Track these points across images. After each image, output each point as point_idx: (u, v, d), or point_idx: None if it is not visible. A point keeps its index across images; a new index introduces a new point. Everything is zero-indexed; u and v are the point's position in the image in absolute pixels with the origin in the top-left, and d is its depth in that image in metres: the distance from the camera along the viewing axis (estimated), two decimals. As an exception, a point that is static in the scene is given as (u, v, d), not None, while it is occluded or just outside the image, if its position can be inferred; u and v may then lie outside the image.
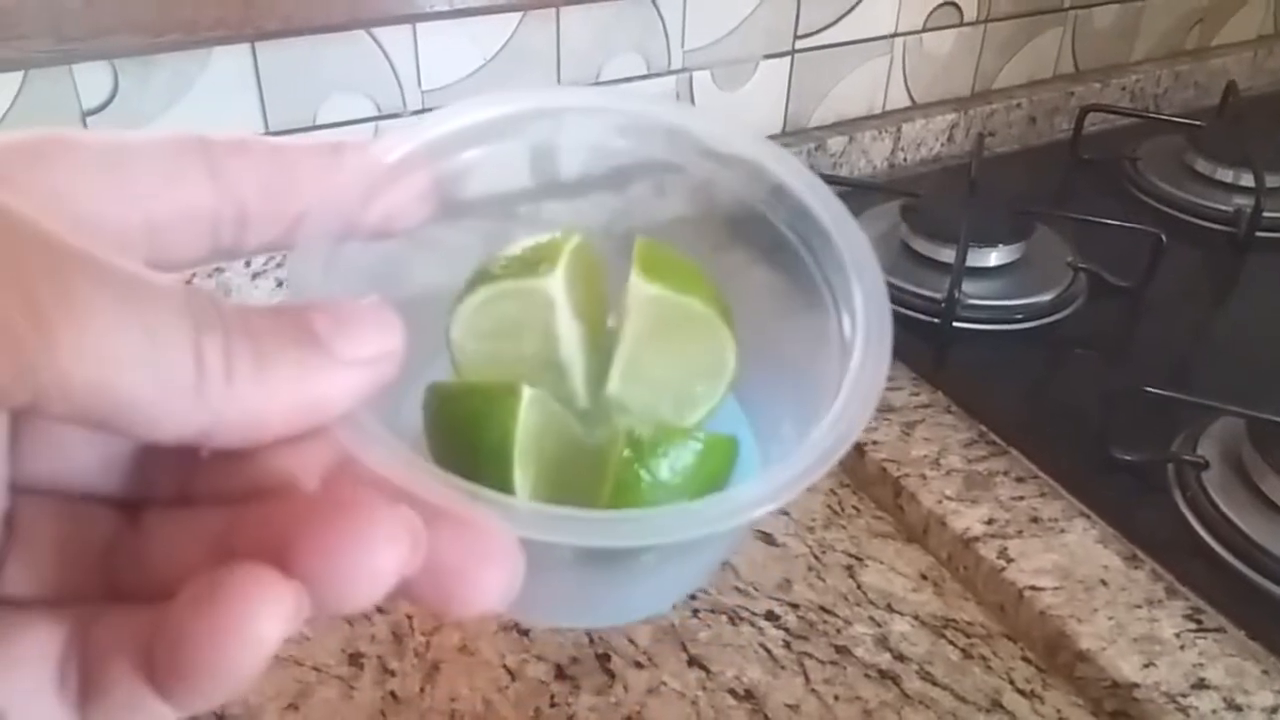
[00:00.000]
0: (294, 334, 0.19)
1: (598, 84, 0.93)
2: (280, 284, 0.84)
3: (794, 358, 0.30)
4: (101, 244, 0.18)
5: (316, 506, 0.18)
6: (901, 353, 0.82)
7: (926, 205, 0.93)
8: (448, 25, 0.83)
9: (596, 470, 0.27)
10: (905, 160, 1.13)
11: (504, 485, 0.27)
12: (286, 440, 0.19)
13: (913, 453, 0.74)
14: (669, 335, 0.30)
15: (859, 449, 0.74)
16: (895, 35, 1.08)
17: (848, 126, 1.09)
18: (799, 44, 1.03)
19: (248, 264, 0.82)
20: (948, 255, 0.89)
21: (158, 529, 0.20)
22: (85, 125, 0.75)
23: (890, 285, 0.30)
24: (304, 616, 0.17)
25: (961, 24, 1.12)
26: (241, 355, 0.18)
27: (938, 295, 0.86)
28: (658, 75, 0.96)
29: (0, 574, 0.19)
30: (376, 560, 0.17)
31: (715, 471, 0.28)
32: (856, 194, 0.99)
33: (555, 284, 0.30)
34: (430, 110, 0.39)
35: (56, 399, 0.16)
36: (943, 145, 1.15)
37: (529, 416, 0.27)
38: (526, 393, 0.27)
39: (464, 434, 0.28)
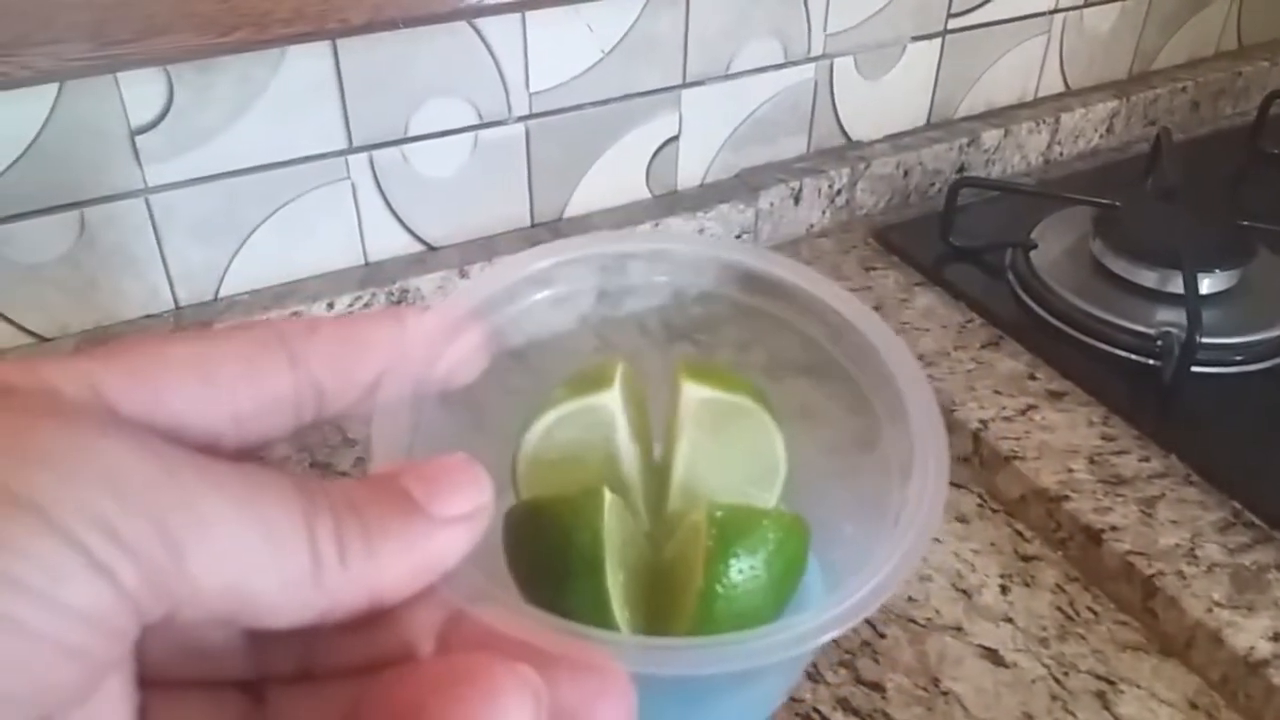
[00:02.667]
0: (394, 503, 0.20)
1: (728, 76, 0.79)
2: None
3: (851, 467, 0.32)
4: (195, 441, 0.20)
5: (442, 676, 0.19)
6: (1114, 401, 0.70)
7: (1125, 217, 0.78)
8: (562, 13, 0.69)
9: (675, 582, 0.30)
10: (1062, 154, 0.98)
11: (598, 592, 0.29)
12: (399, 605, 0.20)
13: (1160, 541, 0.60)
14: (721, 438, 0.33)
15: (1094, 536, 0.60)
16: (1055, 11, 0.93)
17: (1000, 118, 0.94)
18: (951, 24, 0.88)
19: (330, 305, 0.68)
20: (1151, 279, 0.75)
21: (284, 706, 0.21)
22: (135, 145, 0.61)
23: (1087, 315, 0.39)
24: None
25: (1127, -4, 0.97)
26: (351, 535, 0.19)
27: (1149, 330, 0.71)
28: (795, 63, 0.81)
29: None
30: (522, 710, 0.18)
31: (792, 552, 0.30)
32: (1027, 201, 0.84)
33: (614, 399, 0.33)
34: (536, 116, 0.48)
35: (189, 607, 0.18)
36: (1101, 137, 1.00)
37: (611, 520, 0.29)
38: (608, 495, 0.30)
39: (554, 544, 0.29)
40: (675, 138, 0.79)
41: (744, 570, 0.30)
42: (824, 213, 0.86)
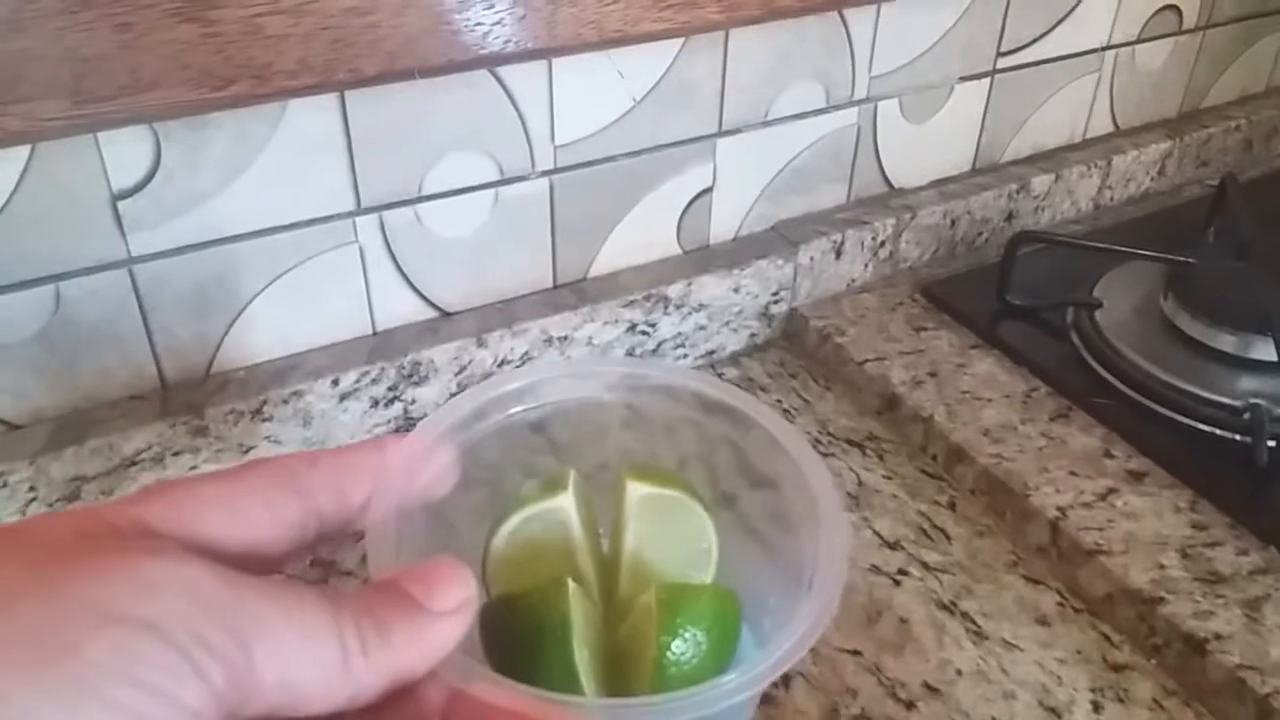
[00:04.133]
0: (400, 603, 0.25)
1: (767, 123, 0.72)
2: (374, 403, 0.63)
3: (771, 549, 0.39)
4: (227, 562, 0.23)
5: None
6: (1201, 483, 0.61)
7: (1200, 274, 0.71)
8: (592, 59, 0.62)
9: (631, 654, 0.35)
10: (1112, 199, 0.92)
11: (568, 667, 0.34)
12: (410, 687, 0.25)
13: (1273, 652, 0.53)
14: (661, 528, 0.39)
15: (1196, 645, 0.53)
16: (1107, 48, 0.87)
17: (1049, 161, 0.88)
18: (1001, 63, 0.81)
19: (335, 383, 0.61)
20: (1232, 343, 0.69)
21: None
22: (117, 211, 0.54)
23: (1163, 384, 0.54)
24: None
25: (1180, 31, 0.91)
26: (369, 631, 0.24)
27: (1235, 402, 0.65)
28: (837, 108, 0.75)
29: None
30: None
31: (726, 618, 0.36)
32: (1085, 253, 0.77)
33: (569, 500, 0.38)
34: (562, 170, 0.56)
35: (255, 700, 0.22)
36: (1152, 179, 0.94)
37: (574, 606, 0.34)
38: (571, 584, 0.35)
39: (527, 629, 0.34)
40: (709, 189, 0.73)
41: (689, 639, 0.35)
42: (866, 266, 0.80)
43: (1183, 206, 0.91)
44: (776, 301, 0.76)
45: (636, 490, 0.40)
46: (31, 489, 0.55)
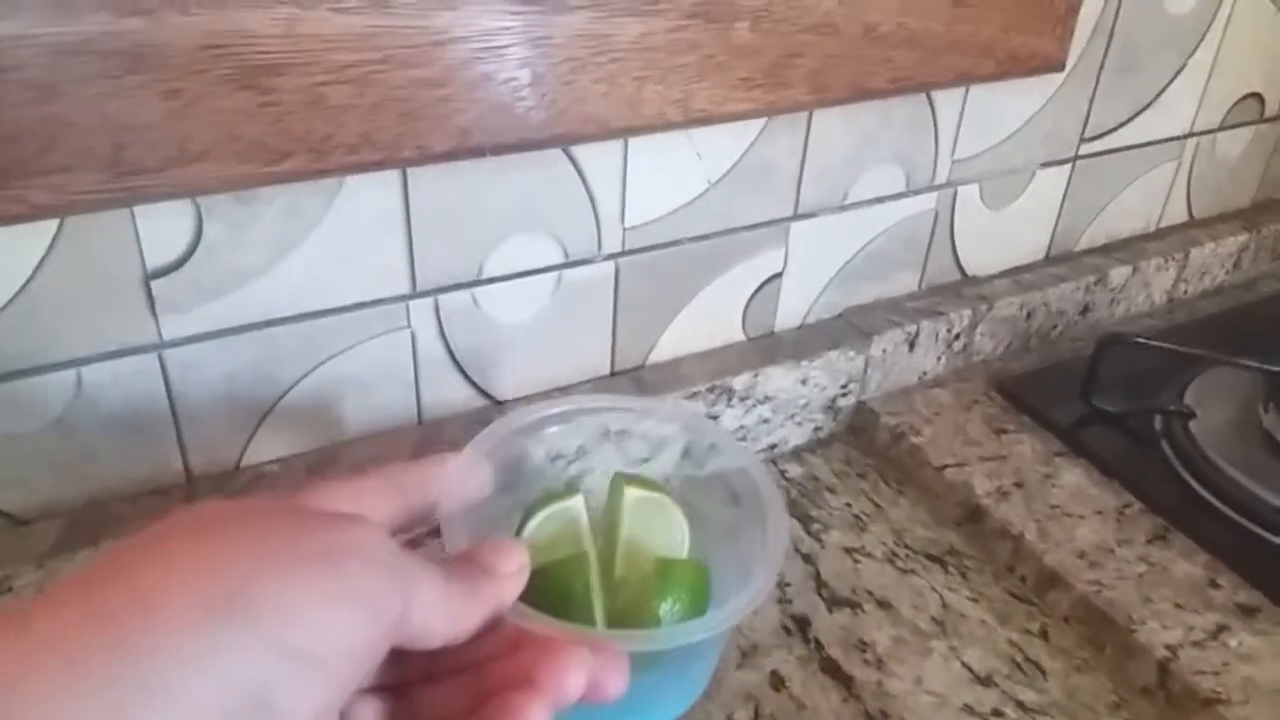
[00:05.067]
0: (477, 568, 0.34)
1: (844, 207, 0.67)
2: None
3: (732, 540, 0.50)
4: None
5: (537, 653, 0.33)
6: None
7: (1307, 388, 0.66)
8: (669, 138, 0.58)
9: (633, 611, 0.46)
10: (1186, 292, 0.88)
11: (590, 617, 0.44)
12: (486, 628, 0.34)
13: None
14: (649, 522, 0.50)
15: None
16: (1189, 135, 0.83)
17: (1125, 252, 0.83)
18: (1084, 149, 0.77)
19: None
20: (1340, 460, 0.63)
21: (423, 697, 0.34)
22: (149, 291, 0.49)
23: (1271, 507, 0.60)
24: (551, 717, 0.32)
25: (1261, 119, 0.87)
26: (463, 588, 0.33)
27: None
28: (917, 192, 0.70)
29: None
30: (582, 675, 0.32)
31: (699, 580, 0.48)
32: (1177, 357, 0.72)
33: (579, 502, 0.50)
34: (629, 254, 0.60)
35: (400, 634, 0.30)
36: (1228, 273, 0.89)
37: (592, 574, 0.46)
38: (591, 555, 0.47)
39: (558, 590, 0.44)
40: (779, 274, 0.68)
41: (679, 598, 0.46)
42: (940, 359, 0.74)
43: (1261, 303, 0.87)
44: (844, 394, 0.71)
45: (631, 494, 0.50)
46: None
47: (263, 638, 0.26)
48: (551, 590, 0.42)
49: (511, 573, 0.35)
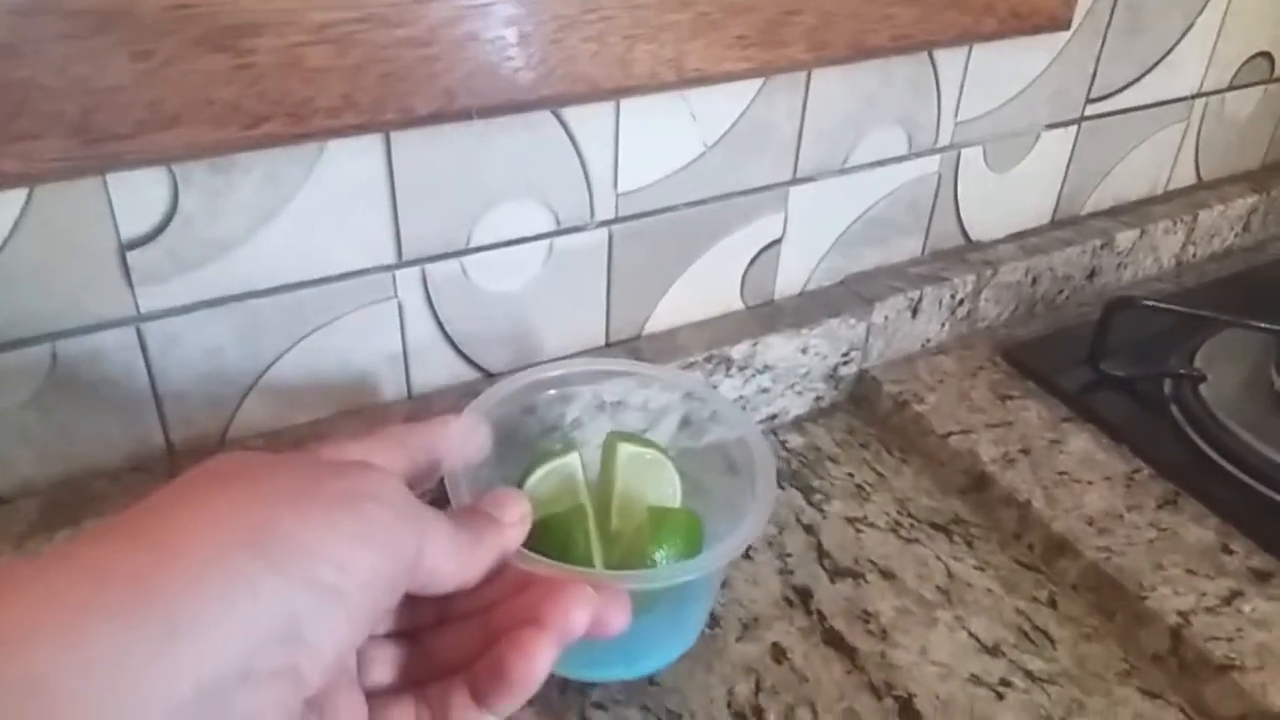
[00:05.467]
0: (483, 518, 0.36)
1: (844, 170, 0.66)
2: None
3: (724, 495, 0.51)
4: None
5: (542, 592, 0.34)
6: None
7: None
8: (663, 100, 0.56)
9: (632, 557, 0.47)
10: (1195, 255, 0.86)
11: (590, 563, 0.46)
12: (492, 574, 0.35)
13: None
14: (641, 476, 0.51)
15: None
16: (1197, 95, 0.81)
17: (1132, 215, 0.81)
18: (1089, 109, 0.75)
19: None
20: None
21: (434, 641, 0.36)
22: (125, 262, 0.47)
23: (1267, 461, 0.60)
24: (558, 652, 0.33)
25: (1270, 79, 0.85)
26: (471, 537, 0.34)
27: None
28: (919, 155, 0.69)
29: (370, 676, 0.34)
30: (586, 611, 0.34)
31: (692, 528, 0.49)
32: (1185, 321, 0.71)
33: (575, 459, 0.51)
34: (622, 220, 0.59)
35: (412, 579, 0.31)
36: (1236, 236, 0.87)
37: (590, 525, 0.48)
38: (588, 509, 0.48)
39: (559, 540, 0.45)
40: (778, 241, 0.66)
41: (673, 544, 0.47)
42: (943, 325, 0.73)
43: (1270, 266, 0.85)
44: (846, 363, 0.69)
45: (625, 450, 0.52)
46: (18, 576, 0.48)
47: (289, 572, 0.27)
48: (552, 541, 0.44)
49: (515, 521, 0.36)
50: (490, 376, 0.60)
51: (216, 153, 0.45)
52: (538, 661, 0.32)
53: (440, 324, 0.57)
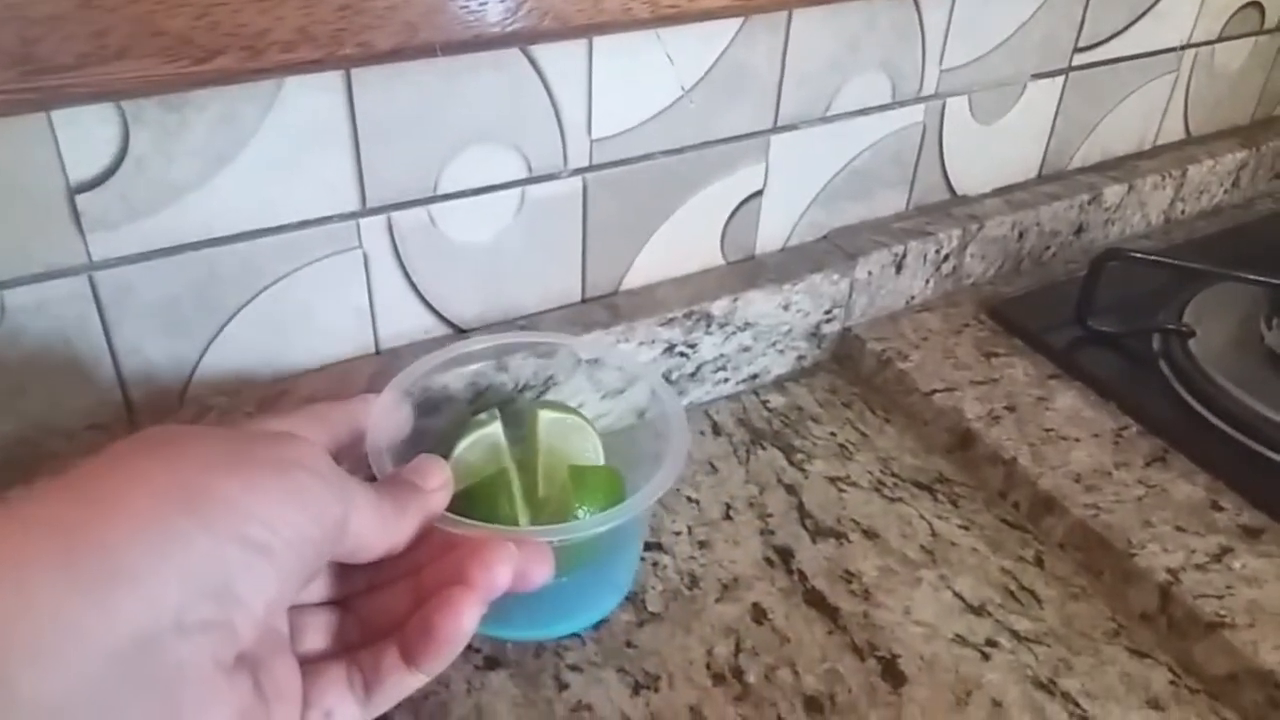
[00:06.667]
0: (406, 485, 0.37)
1: (826, 119, 0.64)
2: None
3: (643, 452, 0.50)
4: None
5: (468, 551, 0.36)
6: None
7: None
8: (637, 40, 0.54)
9: (557, 513, 0.48)
10: (1184, 212, 0.84)
11: (515, 524, 0.47)
12: (418, 539, 0.37)
13: None
14: (564, 441, 0.52)
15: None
16: (1187, 46, 0.79)
17: (1120, 170, 0.80)
18: (1077, 59, 0.73)
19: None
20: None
21: (366, 606, 0.37)
22: (75, 207, 0.45)
23: (1274, 425, 0.58)
24: (484, 608, 0.35)
25: (1260, 30, 0.83)
26: (394, 504, 0.36)
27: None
28: (903, 104, 0.67)
29: (303, 643, 0.35)
30: (508, 567, 0.35)
31: (614, 484, 0.50)
32: (1167, 273, 0.69)
33: (497, 429, 0.51)
34: (597, 168, 0.57)
35: (339, 547, 0.33)
36: (1226, 192, 0.86)
37: (515, 489, 0.48)
38: (511, 472, 0.49)
39: (484, 509, 0.46)
40: (759, 193, 0.64)
41: (594, 500, 0.48)
42: (928, 282, 0.71)
43: (1261, 222, 0.84)
44: (829, 320, 0.68)
45: (546, 416, 0.52)
46: (-33, 536, 0.46)
47: (219, 530, 0.28)
48: (479, 507, 0.45)
49: (437, 487, 0.38)
50: (462, 333, 0.58)
51: (167, 89, 0.43)
52: (464, 619, 0.34)
53: (408, 275, 0.55)
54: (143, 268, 0.47)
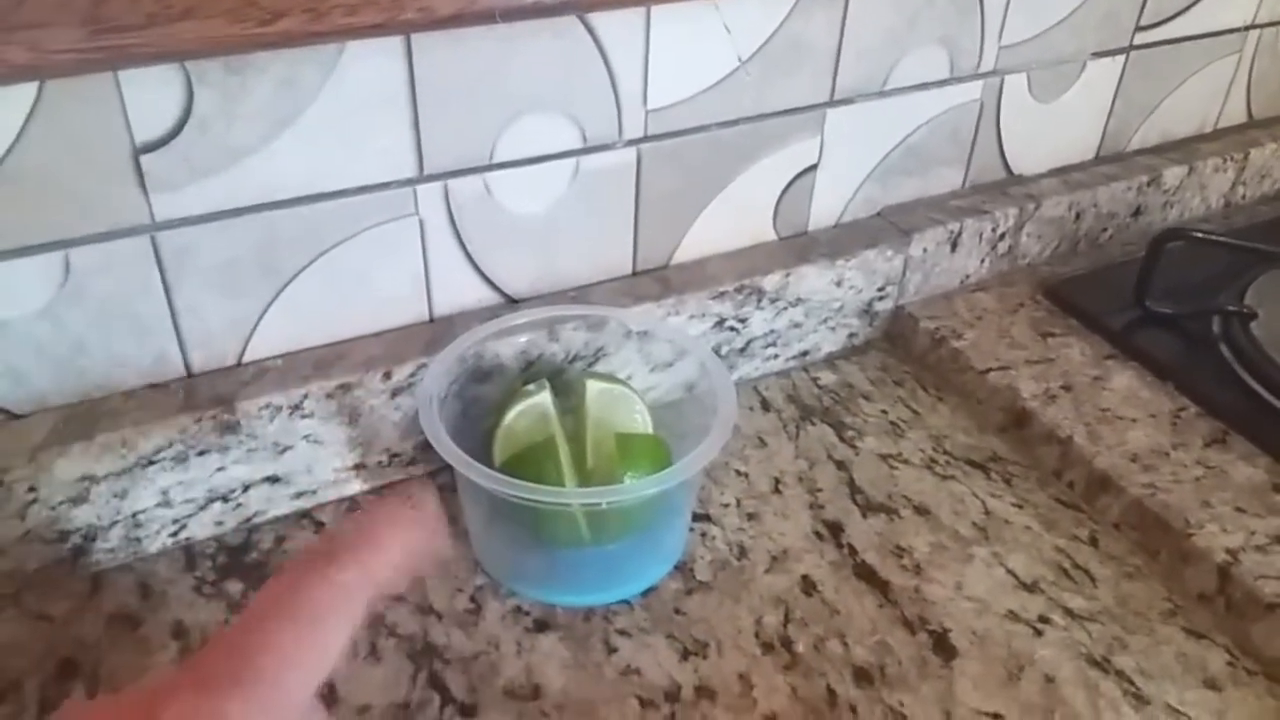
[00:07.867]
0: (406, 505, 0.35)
1: (884, 93, 0.63)
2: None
3: (690, 425, 0.50)
4: None
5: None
6: None
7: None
8: (696, 9, 0.53)
9: (603, 480, 0.49)
10: (1244, 196, 0.83)
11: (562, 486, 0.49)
12: None
13: None
14: (612, 410, 0.52)
15: None
16: (1251, 27, 0.77)
17: (1180, 152, 0.78)
18: (1138, 38, 0.72)
19: (388, 375, 0.52)
20: None
21: None
22: (139, 167, 0.45)
23: None
24: None
25: (1329, 9, 0.81)
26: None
27: None
28: (961, 79, 0.66)
29: None
30: None
31: (659, 452, 0.51)
32: (1227, 256, 0.68)
33: (546, 398, 0.52)
34: (652, 139, 0.57)
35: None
36: (1289, 176, 0.84)
37: (562, 454, 0.49)
38: (560, 440, 0.50)
39: (534, 472, 0.47)
40: (813, 167, 0.64)
41: (640, 467, 0.49)
42: (983, 261, 0.70)
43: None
44: (881, 298, 0.67)
45: (594, 387, 0.53)
46: (31, 489, 0.47)
47: None
48: (525, 475, 0.46)
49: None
50: (515, 303, 0.58)
51: (231, 49, 0.43)
52: None
53: (463, 244, 0.55)
54: (204, 229, 0.48)
